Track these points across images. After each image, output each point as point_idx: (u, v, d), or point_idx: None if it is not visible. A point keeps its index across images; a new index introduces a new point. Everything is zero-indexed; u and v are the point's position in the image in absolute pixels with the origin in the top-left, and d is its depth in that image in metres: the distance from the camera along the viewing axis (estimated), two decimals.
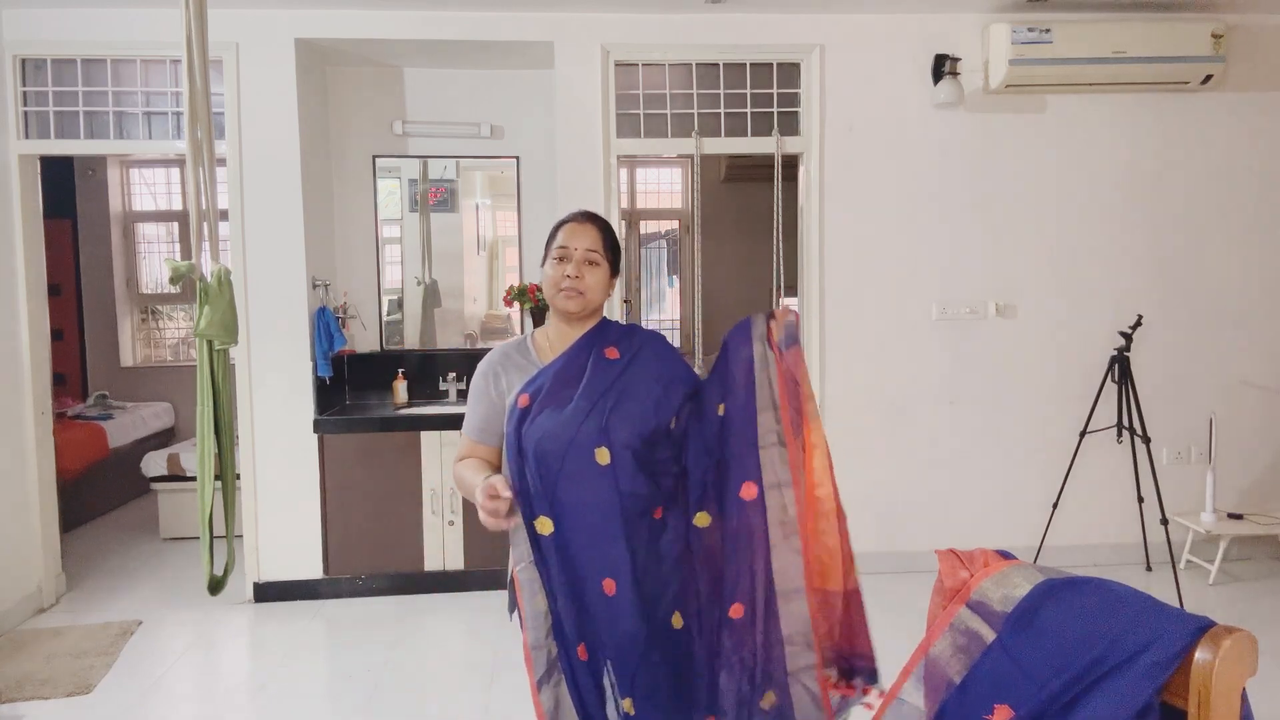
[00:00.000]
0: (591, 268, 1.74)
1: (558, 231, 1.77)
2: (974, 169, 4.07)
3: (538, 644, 1.67)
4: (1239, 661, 1.05)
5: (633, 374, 1.70)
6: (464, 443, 1.81)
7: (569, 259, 1.73)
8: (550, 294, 1.75)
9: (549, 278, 1.75)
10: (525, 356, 1.79)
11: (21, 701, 3.01)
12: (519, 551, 1.66)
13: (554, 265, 1.74)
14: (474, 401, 1.79)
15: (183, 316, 6.63)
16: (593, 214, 1.80)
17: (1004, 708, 1.22)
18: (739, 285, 6.67)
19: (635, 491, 1.61)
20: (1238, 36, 4.02)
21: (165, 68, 3.87)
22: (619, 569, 1.60)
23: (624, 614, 1.60)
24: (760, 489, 1.64)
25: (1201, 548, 4.17)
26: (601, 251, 1.75)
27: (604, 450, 1.60)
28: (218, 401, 2.15)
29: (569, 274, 1.71)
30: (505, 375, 1.76)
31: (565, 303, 1.73)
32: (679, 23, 3.95)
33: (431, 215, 4.48)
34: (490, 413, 1.76)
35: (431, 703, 3.03)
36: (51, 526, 3.94)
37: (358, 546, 3.98)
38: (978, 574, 1.37)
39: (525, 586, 1.66)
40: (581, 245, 1.73)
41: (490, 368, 1.78)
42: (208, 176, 2.10)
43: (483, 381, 1.78)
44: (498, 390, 1.75)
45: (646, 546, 1.63)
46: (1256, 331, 4.21)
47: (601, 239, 1.76)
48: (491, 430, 1.76)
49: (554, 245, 1.75)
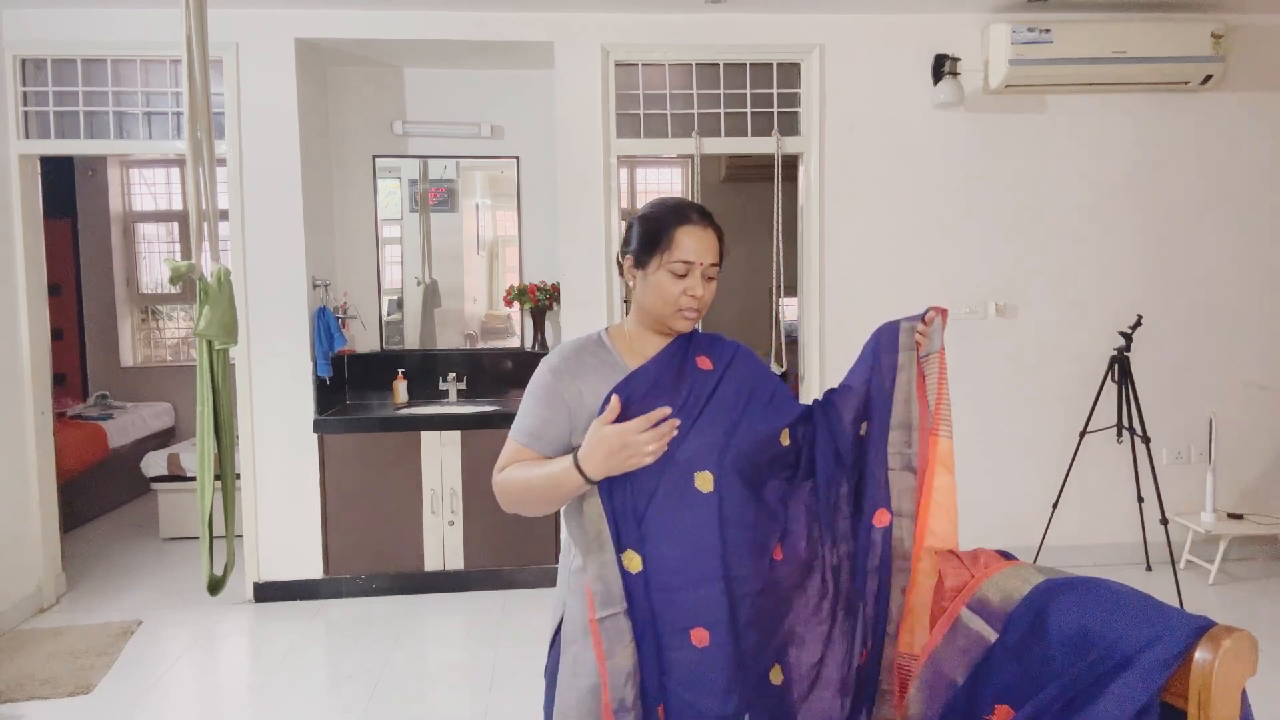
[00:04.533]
0: (711, 283, 1.47)
1: (674, 233, 1.44)
2: (974, 169, 4.07)
3: (622, 709, 1.38)
4: (1239, 661, 1.05)
5: (730, 386, 1.47)
6: (510, 449, 1.49)
7: (691, 275, 1.44)
8: (661, 309, 1.46)
9: (663, 291, 1.44)
10: (605, 355, 1.51)
11: (21, 701, 3.01)
12: (605, 594, 1.38)
13: (671, 280, 1.44)
14: (534, 403, 1.48)
15: (183, 316, 6.63)
16: (707, 213, 1.51)
17: (1005, 708, 1.22)
18: (739, 285, 6.67)
19: (742, 521, 1.40)
20: (1238, 36, 4.02)
21: (165, 68, 3.87)
22: (714, 616, 1.37)
23: (715, 670, 1.37)
24: (892, 517, 1.48)
25: (1201, 548, 4.17)
26: (720, 262, 1.49)
27: (706, 475, 1.39)
28: (218, 401, 2.15)
29: (693, 293, 1.44)
30: (580, 377, 1.47)
31: (684, 324, 1.47)
32: (679, 23, 3.95)
33: (431, 215, 4.48)
34: (552, 416, 1.46)
35: (431, 703, 3.03)
36: (51, 526, 3.94)
37: (358, 546, 3.98)
38: (978, 574, 1.37)
39: (608, 638, 1.38)
40: (706, 260, 1.45)
41: (564, 364, 1.48)
42: (208, 176, 2.11)
43: (553, 380, 1.47)
44: (572, 392, 1.45)
45: (750, 588, 1.42)
46: (1256, 331, 4.21)
47: (720, 247, 1.49)
48: (547, 437, 1.45)
49: (668, 251, 1.44)
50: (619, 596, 1.38)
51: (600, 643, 1.38)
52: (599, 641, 1.38)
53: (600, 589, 1.38)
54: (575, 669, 1.44)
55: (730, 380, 1.48)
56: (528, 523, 3.99)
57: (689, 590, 1.37)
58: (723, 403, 1.45)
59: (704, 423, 1.42)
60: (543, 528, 4.03)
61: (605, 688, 1.37)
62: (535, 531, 4.03)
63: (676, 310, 1.46)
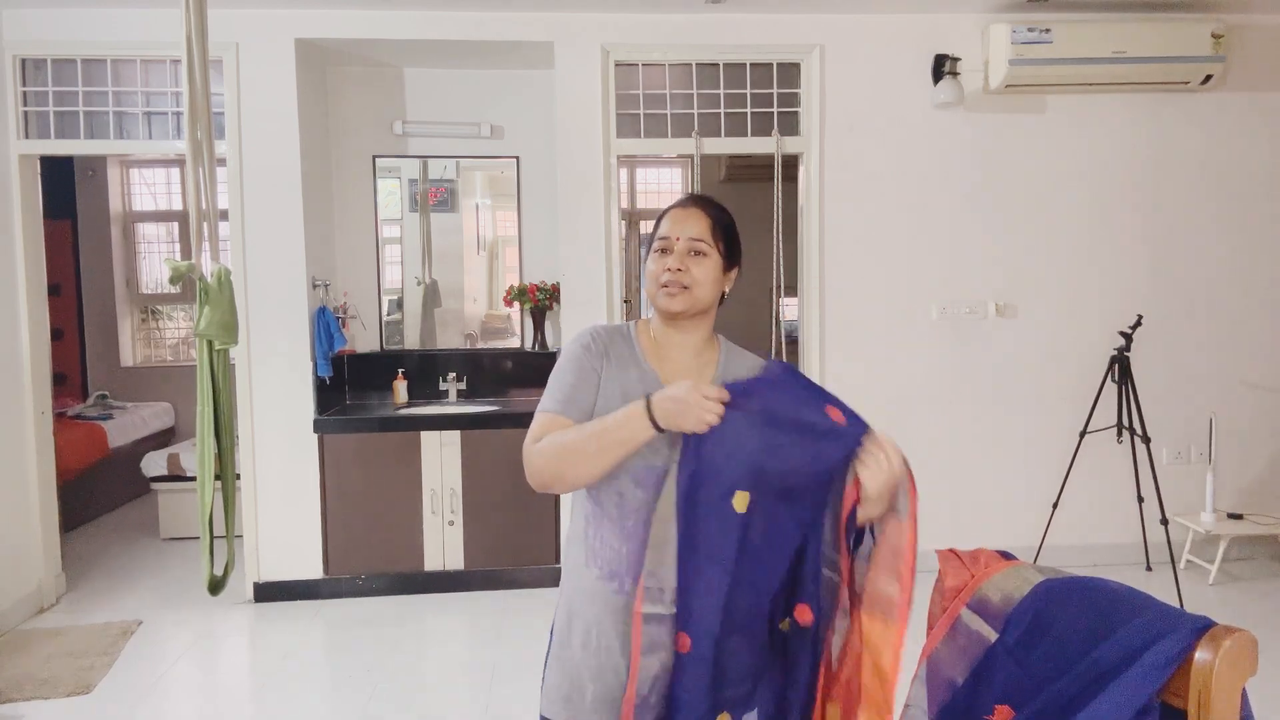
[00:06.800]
0: (698, 259, 1.47)
1: (661, 220, 1.52)
2: (974, 169, 4.07)
3: (645, 705, 1.38)
4: (1239, 661, 1.05)
5: (777, 411, 1.36)
6: (541, 420, 1.45)
7: (670, 250, 1.47)
8: (651, 291, 1.50)
9: (649, 273, 1.50)
10: (628, 349, 1.52)
11: (21, 701, 3.01)
12: (657, 591, 1.37)
13: (655, 258, 1.49)
14: (565, 373, 1.48)
15: (183, 316, 6.63)
16: (702, 197, 1.54)
17: (1005, 708, 1.22)
18: (739, 285, 6.66)
19: (764, 547, 1.34)
20: (1238, 36, 4.02)
21: (165, 68, 3.87)
22: (703, 630, 1.34)
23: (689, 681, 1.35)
24: (814, 618, 1.37)
25: (1201, 548, 4.17)
26: (710, 240, 1.48)
27: (744, 495, 1.32)
28: (218, 401, 2.15)
29: (671, 266, 1.46)
30: (607, 359, 1.48)
31: (667, 301, 1.47)
32: (679, 23, 3.95)
33: (431, 215, 4.48)
34: (582, 384, 1.46)
35: (431, 703, 3.03)
36: (51, 526, 3.94)
37: (358, 546, 3.98)
38: (978, 574, 1.37)
39: (650, 636, 1.38)
40: (685, 234, 1.47)
41: (596, 343, 1.50)
42: (208, 176, 2.11)
43: (583, 353, 1.48)
44: (604, 364, 1.48)
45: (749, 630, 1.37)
46: (1256, 331, 4.21)
47: (710, 225, 1.49)
48: (579, 403, 1.45)
49: (655, 236, 1.51)
50: (670, 599, 1.36)
51: (639, 637, 1.37)
52: (639, 635, 1.36)
53: (653, 585, 1.37)
54: (585, 642, 1.44)
55: (777, 403, 1.37)
56: (528, 523, 4.00)
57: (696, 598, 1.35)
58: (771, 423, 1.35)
59: (753, 439, 1.33)
60: (542, 528, 4.03)
61: (633, 680, 1.37)
62: (535, 531, 4.03)
63: (659, 286, 1.48)
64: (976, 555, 1.42)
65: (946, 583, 1.40)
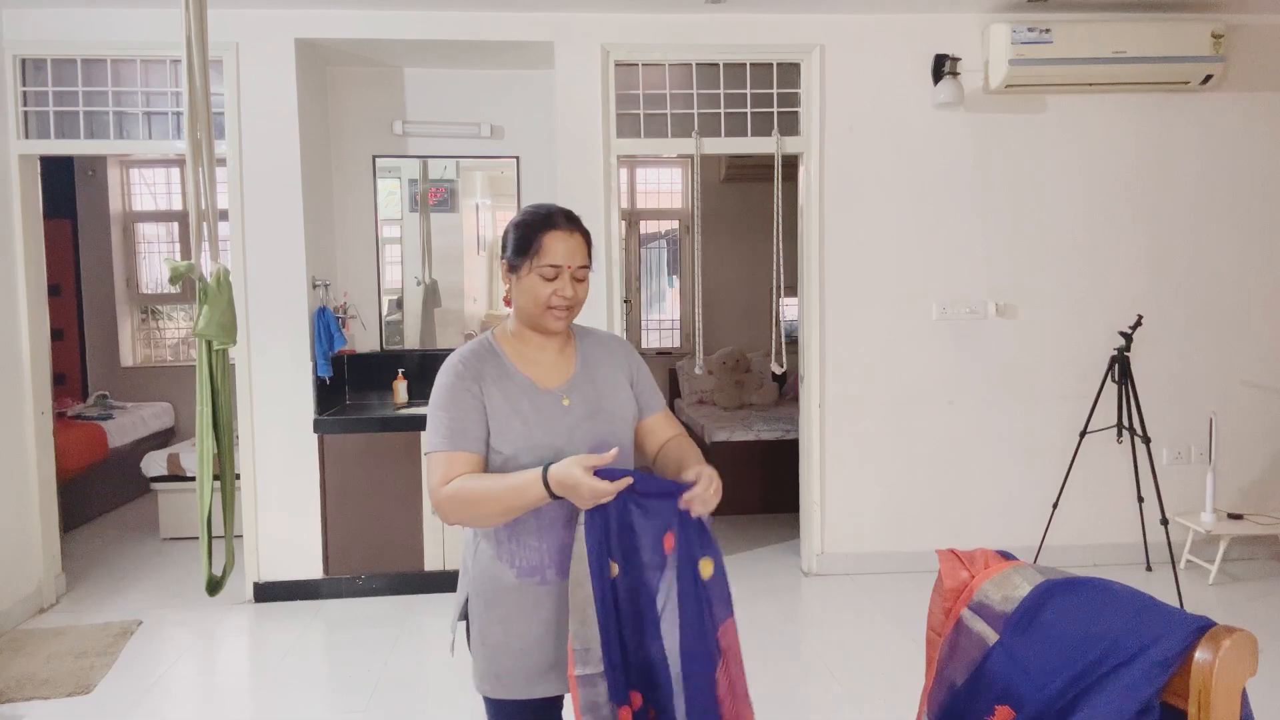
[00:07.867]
0: (582, 283, 1.61)
1: (539, 239, 1.57)
2: (974, 169, 4.07)
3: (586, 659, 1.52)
4: (1239, 661, 1.05)
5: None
6: (439, 462, 1.54)
7: (561, 277, 1.58)
8: (533, 310, 1.59)
9: (533, 294, 1.58)
10: (497, 361, 1.62)
11: (21, 701, 3.01)
12: (583, 653, 1.53)
13: (540, 282, 1.57)
14: (445, 410, 1.56)
15: (183, 316, 6.63)
16: (574, 218, 1.64)
17: (1005, 708, 1.22)
18: (739, 285, 6.68)
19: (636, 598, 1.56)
20: (1238, 36, 4.02)
21: (165, 68, 3.87)
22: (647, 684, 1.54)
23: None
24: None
25: (1201, 548, 4.17)
26: (590, 262, 1.63)
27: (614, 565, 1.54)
28: (217, 401, 2.15)
29: (563, 294, 1.58)
30: (482, 381, 1.58)
31: (555, 324, 1.60)
32: (679, 23, 3.95)
33: (431, 215, 4.48)
34: (468, 415, 1.55)
35: (431, 703, 3.03)
36: (51, 526, 3.94)
37: (358, 546, 3.98)
38: (979, 575, 1.37)
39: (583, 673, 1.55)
40: (575, 263, 1.58)
41: (466, 369, 1.59)
42: (208, 176, 2.11)
43: (458, 383, 1.57)
44: (481, 386, 1.58)
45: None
46: (1256, 331, 4.21)
47: (587, 249, 1.62)
48: (471, 434, 1.55)
49: (537, 258, 1.57)
50: (598, 658, 1.48)
51: (577, 700, 1.49)
52: (576, 698, 1.49)
53: (579, 646, 1.49)
54: (507, 629, 1.61)
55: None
56: None
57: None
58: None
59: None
60: None
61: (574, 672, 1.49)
62: None
63: (547, 309, 1.59)
64: (977, 555, 1.41)
65: (946, 582, 1.40)
